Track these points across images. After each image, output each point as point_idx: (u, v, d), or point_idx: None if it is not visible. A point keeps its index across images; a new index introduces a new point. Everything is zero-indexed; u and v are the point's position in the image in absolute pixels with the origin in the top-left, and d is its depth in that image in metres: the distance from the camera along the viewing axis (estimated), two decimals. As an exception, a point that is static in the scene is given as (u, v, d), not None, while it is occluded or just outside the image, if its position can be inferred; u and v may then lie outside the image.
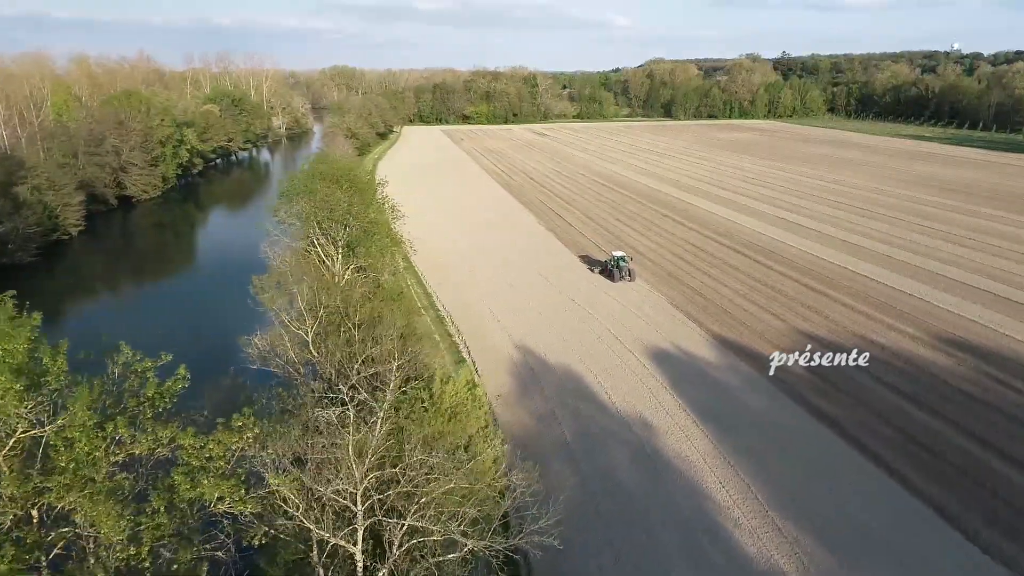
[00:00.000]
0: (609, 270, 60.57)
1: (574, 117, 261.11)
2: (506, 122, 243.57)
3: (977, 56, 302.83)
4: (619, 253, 61.80)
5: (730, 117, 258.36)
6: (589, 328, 49.99)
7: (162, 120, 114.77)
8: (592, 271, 63.30)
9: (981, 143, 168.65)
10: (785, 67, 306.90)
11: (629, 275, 59.28)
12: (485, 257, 70.21)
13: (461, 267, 66.78)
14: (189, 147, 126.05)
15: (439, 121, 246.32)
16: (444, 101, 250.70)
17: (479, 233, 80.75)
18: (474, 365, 44.32)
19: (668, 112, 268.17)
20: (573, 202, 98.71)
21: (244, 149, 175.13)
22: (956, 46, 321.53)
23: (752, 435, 35.33)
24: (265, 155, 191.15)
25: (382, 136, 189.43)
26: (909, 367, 42.80)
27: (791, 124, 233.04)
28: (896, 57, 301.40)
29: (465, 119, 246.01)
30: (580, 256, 69.54)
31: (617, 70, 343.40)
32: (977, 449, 33.79)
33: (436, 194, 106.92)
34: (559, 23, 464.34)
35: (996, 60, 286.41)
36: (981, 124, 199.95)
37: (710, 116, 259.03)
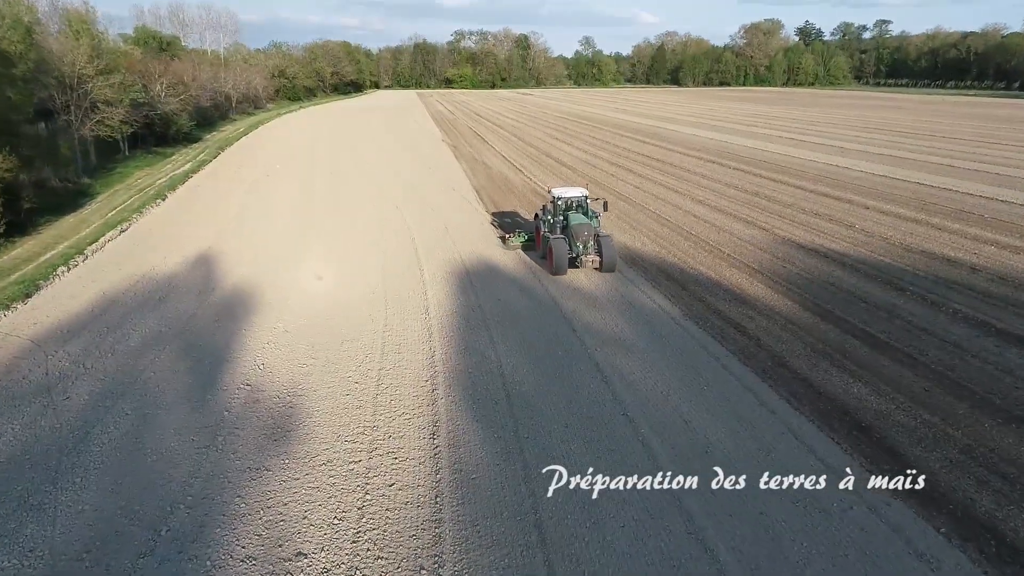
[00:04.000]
0: (544, 238, 22.58)
1: (572, 85, 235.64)
2: (493, 87, 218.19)
3: None
4: (575, 191, 23.60)
5: (744, 84, 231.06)
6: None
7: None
8: (506, 240, 24.76)
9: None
10: (808, 36, 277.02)
11: (596, 250, 21.54)
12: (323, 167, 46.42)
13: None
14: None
15: (418, 85, 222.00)
16: (425, 64, 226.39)
17: (344, 151, 56.92)
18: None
19: (675, 80, 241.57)
20: (515, 129, 74.27)
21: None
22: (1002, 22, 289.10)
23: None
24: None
25: (339, 92, 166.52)
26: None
27: (814, 91, 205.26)
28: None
29: (447, 83, 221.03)
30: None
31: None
32: None
33: (339, 119, 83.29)
34: (586, 20, 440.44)
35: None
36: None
37: (722, 83, 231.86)
